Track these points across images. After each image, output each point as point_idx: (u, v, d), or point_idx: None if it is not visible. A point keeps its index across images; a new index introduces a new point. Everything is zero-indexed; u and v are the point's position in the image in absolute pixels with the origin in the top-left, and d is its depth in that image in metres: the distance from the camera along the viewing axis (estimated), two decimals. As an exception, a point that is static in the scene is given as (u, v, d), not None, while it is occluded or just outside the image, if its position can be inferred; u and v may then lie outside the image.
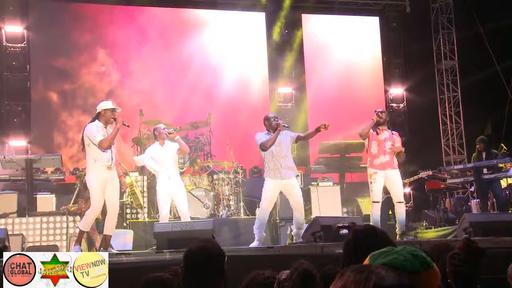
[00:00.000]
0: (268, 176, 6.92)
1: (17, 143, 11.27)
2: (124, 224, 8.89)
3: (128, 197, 8.93)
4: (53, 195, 9.08)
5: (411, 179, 9.61)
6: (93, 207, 6.42)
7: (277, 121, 6.93)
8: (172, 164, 7.26)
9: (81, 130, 6.75)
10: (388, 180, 6.99)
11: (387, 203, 8.75)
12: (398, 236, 7.02)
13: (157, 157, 7.22)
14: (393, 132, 7.28)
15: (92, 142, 6.32)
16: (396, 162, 7.05)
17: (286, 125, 7.00)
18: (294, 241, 7.00)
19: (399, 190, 7.08)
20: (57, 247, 8.29)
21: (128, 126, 6.81)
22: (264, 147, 6.83)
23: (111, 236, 6.59)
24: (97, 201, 6.40)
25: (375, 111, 7.26)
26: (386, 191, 8.33)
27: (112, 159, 6.43)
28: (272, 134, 6.87)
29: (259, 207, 7.69)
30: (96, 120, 6.49)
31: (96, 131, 6.37)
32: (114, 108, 6.52)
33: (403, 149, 7.17)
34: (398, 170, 7.08)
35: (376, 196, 7.01)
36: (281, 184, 6.90)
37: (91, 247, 7.67)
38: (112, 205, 6.51)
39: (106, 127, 6.46)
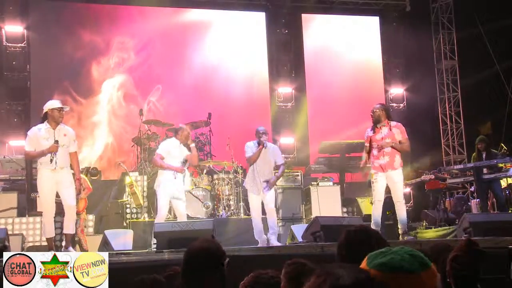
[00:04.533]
0: (249, 190, 7.36)
1: (17, 143, 11.25)
2: (124, 224, 8.89)
3: (128, 197, 8.94)
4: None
5: (413, 181, 9.57)
6: (44, 211, 6.32)
7: (262, 137, 7.22)
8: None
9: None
10: (389, 180, 6.95)
11: (386, 203, 8.75)
12: (400, 236, 7.00)
13: (174, 154, 7.17)
14: (394, 124, 6.99)
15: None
16: (397, 162, 6.91)
17: (265, 145, 7.21)
18: (268, 244, 7.08)
19: (399, 190, 7.03)
20: (57, 247, 8.28)
21: (50, 160, 6.31)
22: (248, 162, 7.34)
23: (71, 234, 6.48)
24: (46, 204, 6.29)
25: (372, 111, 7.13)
26: (388, 191, 8.36)
27: (56, 163, 6.23)
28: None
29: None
30: (45, 122, 6.35)
31: (31, 138, 6.29)
32: (61, 107, 6.40)
33: (392, 143, 6.82)
34: (400, 170, 6.94)
35: (377, 195, 6.98)
36: (259, 197, 7.30)
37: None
38: (66, 205, 6.38)
39: (54, 129, 6.29)
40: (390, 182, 6.95)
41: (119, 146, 12.07)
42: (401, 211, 6.98)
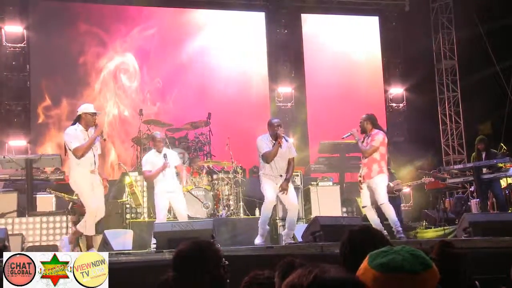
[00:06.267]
0: (264, 177, 6.98)
1: (17, 143, 11.29)
2: (124, 224, 8.88)
3: (128, 197, 8.93)
4: (53, 195, 9.07)
5: (414, 182, 9.57)
6: (89, 209, 6.30)
7: (279, 129, 6.85)
8: (171, 170, 7.32)
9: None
10: (369, 188, 7.08)
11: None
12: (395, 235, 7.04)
13: (157, 163, 7.28)
14: (374, 132, 7.09)
15: (68, 147, 6.23)
16: (375, 171, 6.98)
17: (285, 136, 6.94)
18: (284, 241, 7.03)
19: (379, 194, 7.03)
20: (57, 247, 8.25)
21: (105, 140, 6.62)
22: (266, 159, 6.89)
23: (91, 236, 6.50)
24: (90, 202, 6.29)
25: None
26: (389, 191, 8.45)
27: (95, 164, 6.33)
28: (273, 141, 6.89)
29: (260, 205, 7.72)
30: (77, 123, 6.38)
31: (73, 136, 6.25)
32: (95, 112, 6.44)
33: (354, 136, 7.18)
34: (376, 177, 6.98)
35: (362, 203, 7.26)
36: (277, 186, 6.97)
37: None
38: (100, 209, 6.40)
39: (87, 130, 6.35)
40: (370, 190, 7.08)
41: (119, 146, 12.08)
42: (388, 212, 7.00)
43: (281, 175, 6.92)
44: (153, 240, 6.62)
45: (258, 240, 6.97)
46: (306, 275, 1.25)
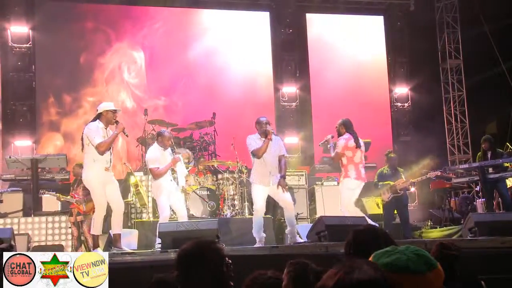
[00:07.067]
0: (255, 182, 7.03)
1: (23, 143, 11.31)
2: (129, 224, 8.90)
3: (133, 196, 8.95)
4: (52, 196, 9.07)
5: (419, 178, 9.54)
6: (98, 207, 6.39)
7: (267, 127, 6.96)
8: (181, 165, 7.33)
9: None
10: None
11: (393, 203, 8.75)
12: None
13: (162, 160, 7.19)
14: (342, 137, 7.32)
15: (91, 143, 6.28)
16: (342, 175, 7.21)
17: (274, 132, 7.05)
18: (289, 240, 7.07)
19: (341, 199, 7.25)
20: (63, 246, 8.31)
21: (127, 136, 6.78)
22: (256, 155, 6.96)
23: (120, 234, 6.56)
24: (100, 200, 6.37)
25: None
26: (394, 191, 8.42)
27: (110, 161, 6.41)
28: (263, 139, 6.95)
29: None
30: (97, 120, 6.45)
31: (96, 132, 6.31)
32: (115, 110, 6.52)
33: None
34: (342, 181, 7.21)
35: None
36: (268, 189, 7.02)
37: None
38: (118, 204, 6.49)
39: (106, 128, 6.42)
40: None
41: (126, 146, 12.11)
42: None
43: (270, 172, 6.92)
44: (158, 240, 6.61)
45: (257, 246, 6.90)
46: (332, 276, 1.26)
